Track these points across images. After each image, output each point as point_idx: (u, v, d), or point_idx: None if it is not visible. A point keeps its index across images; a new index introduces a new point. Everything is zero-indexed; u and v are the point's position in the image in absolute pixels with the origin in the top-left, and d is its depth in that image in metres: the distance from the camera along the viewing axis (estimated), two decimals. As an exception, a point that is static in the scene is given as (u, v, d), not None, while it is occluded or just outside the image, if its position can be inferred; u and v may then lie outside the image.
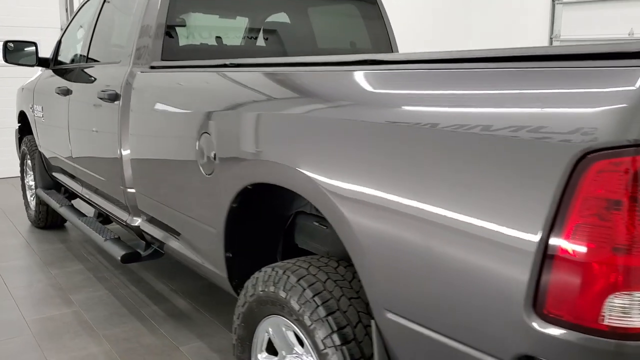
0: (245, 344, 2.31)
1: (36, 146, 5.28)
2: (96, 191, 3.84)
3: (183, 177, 2.63)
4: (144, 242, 3.47)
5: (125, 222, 3.44)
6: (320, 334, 1.86)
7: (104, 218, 4.31)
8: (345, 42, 3.93)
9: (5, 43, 4.63)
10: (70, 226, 5.63)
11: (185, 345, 3.34)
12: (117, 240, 3.64)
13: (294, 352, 2.12)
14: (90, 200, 4.07)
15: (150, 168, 2.99)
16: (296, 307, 1.95)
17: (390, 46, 4.05)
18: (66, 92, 4.16)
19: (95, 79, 3.71)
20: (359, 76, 1.79)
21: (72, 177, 4.42)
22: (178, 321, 3.65)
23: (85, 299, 3.96)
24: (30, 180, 5.68)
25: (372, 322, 1.75)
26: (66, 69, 4.47)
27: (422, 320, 1.55)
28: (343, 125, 1.72)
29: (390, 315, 1.66)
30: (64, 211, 4.44)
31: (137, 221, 3.36)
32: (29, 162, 5.58)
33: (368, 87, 1.74)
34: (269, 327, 2.19)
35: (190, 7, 3.40)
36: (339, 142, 1.74)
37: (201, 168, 2.47)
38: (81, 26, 4.69)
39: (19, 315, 3.72)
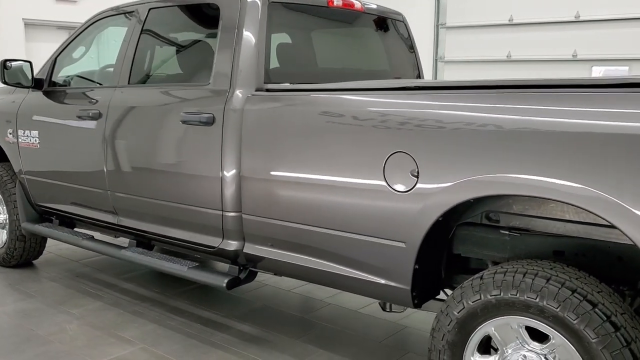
0: (456, 348, 2.48)
1: (10, 176, 4.78)
2: (157, 220, 3.66)
3: (356, 196, 2.71)
4: (237, 267, 3.41)
5: (216, 247, 3.36)
6: (591, 324, 2.12)
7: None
8: (393, 62, 4.19)
9: (4, 62, 4.18)
10: (43, 261, 5.14)
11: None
12: (200, 267, 3.51)
13: (525, 347, 2.34)
14: (135, 230, 3.84)
15: (284, 190, 2.99)
16: (554, 305, 2.19)
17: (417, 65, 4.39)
18: (97, 115, 3.89)
19: (164, 102, 3.56)
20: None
21: (88, 206, 4.13)
22: (258, 344, 3.62)
23: (140, 334, 3.73)
24: (-2, 215, 5.08)
25: None
26: (82, 92, 4.18)
27: None
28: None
29: None
30: (94, 245, 4.10)
31: (234, 245, 3.31)
32: (-6, 194, 5.01)
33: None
34: (491, 328, 2.40)
35: (284, 27, 3.44)
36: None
37: (391, 186, 2.59)
38: (84, 46, 4.41)
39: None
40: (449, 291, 2.97)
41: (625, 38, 9.88)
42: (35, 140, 4.41)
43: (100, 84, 4.44)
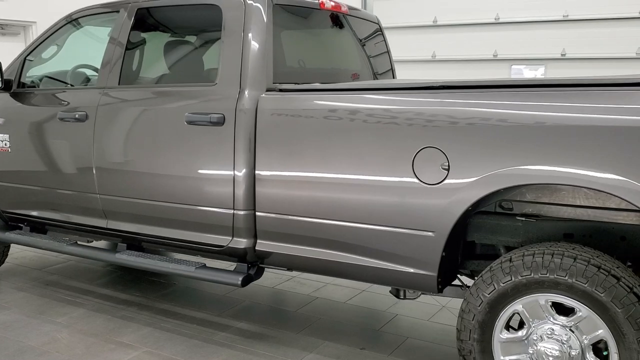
0: (486, 326, 2.69)
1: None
2: (156, 221, 3.62)
3: (384, 189, 2.85)
4: (245, 264, 3.45)
5: (225, 246, 3.39)
6: (617, 296, 2.39)
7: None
8: (376, 61, 4.37)
9: None
10: (2, 271, 4.89)
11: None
12: (206, 267, 3.52)
13: (552, 321, 2.58)
14: (128, 233, 3.78)
15: (306, 187, 3.08)
16: (582, 281, 2.44)
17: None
18: (83, 117, 3.79)
19: (164, 103, 3.53)
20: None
21: (69, 211, 4.01)
22: (263, 340, 3.68)
23: (139, 338, 3.69)
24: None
25: None
26: (61, 93, 4.05)
27: None
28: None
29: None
30: (80, 251, 3.96)
31: (244, 243, 3.36)
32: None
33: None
34: (519, 306, 2.62)
35: (289, 26, 3.51)
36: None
37: (420, 179, 2.76)
38: (58, 45, 4.27)
39: (92, 366, 3.35)
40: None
41: (542, 39, 10.62)
42: (5, 144, 4.21)
43: (72, 85, 4.31)
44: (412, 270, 2.90)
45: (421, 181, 2.76)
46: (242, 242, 3.37)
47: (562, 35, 10.63)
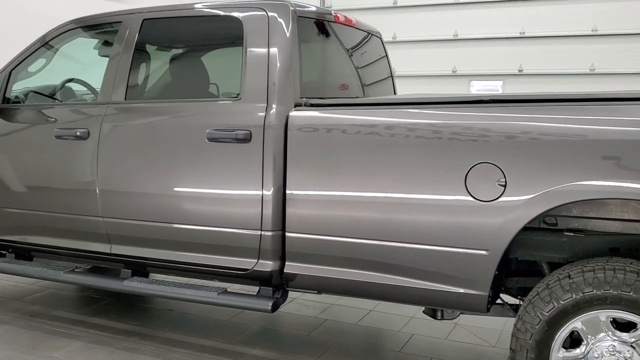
0: (544, 346, 2.63)
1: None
2: (170, 245, 3.39)
3: (434, 207, 2.76)
4: (270, 288, 3.28)
5: (250, 269, 3.21)
6: None
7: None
8: (375, 74, 4.29)
9: None
10: (-23, 304, 4.50)
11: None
12: (228, 292, 3.31)
13: (612, 337, 2.55)
14: (135, 258, 3.53)
15: (345, 207, 2.94)
16: (648, 296, 2.43)
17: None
18: (85, 135, 3.53)
19: (179, 119, 3.33)
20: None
21: (65, 235, 3.71)
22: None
23: (151, 371, 3.45)
24: None
25: None
26: (54, 109, 3.77)
27: None
28: None
29: None
30: (80, 279, 3.66)
31: (271, 265, 3.19)
32: None
33: None
34: (579, 323, 2.58)
35: (307, 39, 3.38)
36: None
37: (474, 196, 2.68)
38: (48, 58, 3.98)
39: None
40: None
41: (499, 55, 10.88)
42: (-11, 165, 3.87)
43: (60, 101, 4.03)
44: (461, 290, 2.81)
45: (475, 198, 2.68)
46: (268, 265, 3.20)
47: (519, 52, 10.91)
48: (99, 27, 3.82)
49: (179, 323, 4.18)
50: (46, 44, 3.88)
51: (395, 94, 4.57)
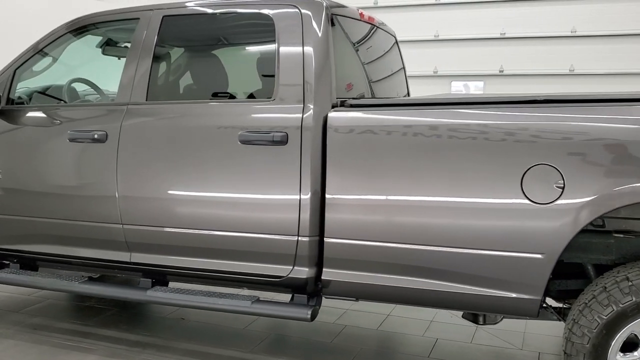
0: (601, 350, 2.59)
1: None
2: (196, 252, 3.24)
3: (487, 210, 2.69)
4: (305, 295, 3.16)
5: (285, 276, 3.09)
6: None
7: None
8: (393, 75, 4.22)
9: None
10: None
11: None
12: (262, 301, 3.18)
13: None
14: (157, 266, 3.37)
15: (391, 211, 2.85)
16: None
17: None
18: (103, 137, 3.34)
19: (208, 120, 3.18)
20: None
21: (78, 244, 3.52)
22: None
23: (177, 385, 3.29)
24: None
25: None
26: (65, 110, 3.57)
27: None
28: None
29: None
30: (100, 290, 3.46)
31: (307, 272, 3.07)
32: None
33: None
34: (637, 327, 2.54)
35: (338, 37, 3.27)
36: None
37: (530, 199, 2.62)
38: (56, 56, 3.78)
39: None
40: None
41: (480, 56, 10.95)
42: (-6, 170, 3.64)
43: (65, 102, 3.83)
44: (513, 295, 2.74)
45: (531, 201, 2.62)
46: (304, 272, 3.08)
47: (500, 53, 10.99)
48: (113, 24, 3.64)
49: (194, 333, 4.02)
50: (54, 42, 3.67)
51: (409, 95, 4.51)
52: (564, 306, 3.08)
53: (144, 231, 3.33)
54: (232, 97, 3.39)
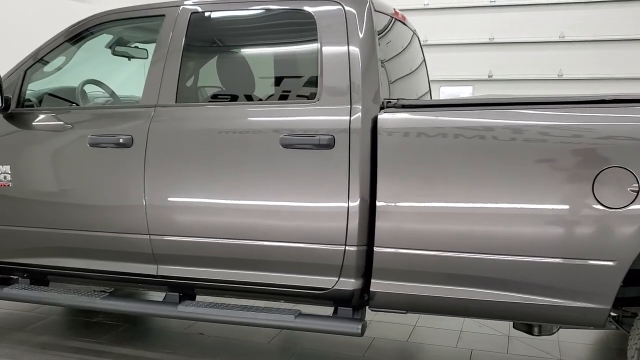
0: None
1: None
2: (238, 264, 3.04)
3: (556, 215, 2.56)
4: (350, 308, 2.99)
5: (330, 288, 2.91)
6: None
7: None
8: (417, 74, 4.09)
9: None
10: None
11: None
12: (304, 314, 2.99)
13: None
14: (186, 279, 3.15)
15: (453, 219, 2.69)
16: None
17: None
18: (129, 142, 3.12)
19: (246, 123, 2.99)
20: None
21: (97, 256, 3.28)
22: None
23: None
24: None
25: None
26: (82, 113, 3.34)
27: None
28: None
29: None
30: (127, 306, 3.21)
31: (353, 284, 2.90)
32: None
33: None
34: None
35: (382, 37, 3.12)
36: None
37: (602, 203, 2.49)
38: (69, 56, 3.54)
39: None
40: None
41: (469, 61, 10.94)
42: (5, 178, 3.37)
43: (77, 104, 3.60)
44: (580, 304, 2.61)
45: (604, 205, 2.50)
46: (350, 283, 2.90)
47: (489, 58, 11.00)
48: (134, 22, 3.42)
49: (216, 349, 3.79)
50: (68, 40, 3.43)
51: (430, 92, 4.39)
52: (622, 314, 2.97)
53: (174, 242, 3.11)
54: (270, 98, 3.20)
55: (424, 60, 4.26)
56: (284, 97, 3.15)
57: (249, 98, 3.22)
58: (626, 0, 10.05)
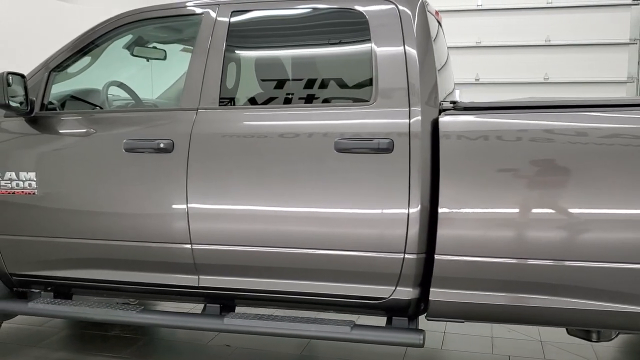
0: None
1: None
2: (287, 273, 2.91)
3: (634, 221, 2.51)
4: (405, 318, 2.89)
5: (387, 298, 2.81)
6: None
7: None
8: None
9: (5, 75, 2.91)
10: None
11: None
12: (359, 325, 2.87)
13: None
14: (231, 290, 3.01)
15: (527, 224, 2.62)
16: None
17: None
18: (169, 147, 2.96)
19: (298, 127, 2.87)
20: None
21: (131, 267, 3.11)
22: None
23: None
24: None
25: None
26: (124, 116, 3.19)
27: None
28: None
29: None
30: (171, 320, 3.05)
31: (410, 293, 2.81)
32: None
33: None
34: None
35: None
36: None
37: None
38: (97, 56, 3.36)
39: None
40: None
41: (456, 64, 10.95)
42: (30, 185, 3.17)
43: (100, 107, 3.42)
44: (656, 310, 2.57)
45: (676, 209, 2.46)
46: (407, 292, 2.81)
47: (476, 61, 11.06)
48: (168, 20, 3.26)
49: (245, 361, 3.65)
50: (96, 40, 3.25)
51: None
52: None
53: (218, 251, 2.96)
54: (325, 101, 3.08)
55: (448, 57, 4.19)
56: (334, 100, 3.04)
57: (297, 100, 3.10)
58: (610, 6, 10.21)
